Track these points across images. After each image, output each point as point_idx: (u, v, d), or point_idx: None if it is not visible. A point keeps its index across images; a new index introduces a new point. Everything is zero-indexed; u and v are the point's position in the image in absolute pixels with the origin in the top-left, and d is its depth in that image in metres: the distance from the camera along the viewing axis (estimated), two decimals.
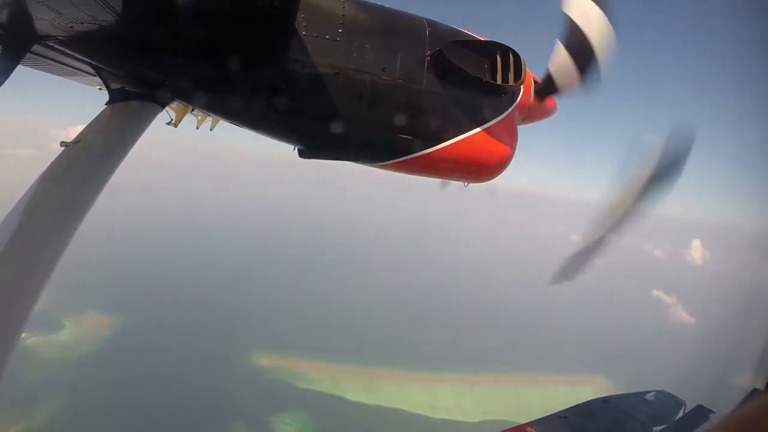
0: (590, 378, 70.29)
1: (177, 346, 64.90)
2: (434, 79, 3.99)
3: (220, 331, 70.43)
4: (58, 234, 3.25)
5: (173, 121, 5.65)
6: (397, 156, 4.05)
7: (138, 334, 66.69)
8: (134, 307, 73.43)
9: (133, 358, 61.07)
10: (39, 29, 3.06)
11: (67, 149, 3.69)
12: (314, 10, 3.70)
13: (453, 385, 63.74)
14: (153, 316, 71.80)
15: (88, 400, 52.55)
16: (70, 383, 54.62)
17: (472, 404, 60.00)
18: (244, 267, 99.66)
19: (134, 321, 70.19)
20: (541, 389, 65.53)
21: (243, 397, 55.78)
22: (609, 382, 69.11)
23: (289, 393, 58.53)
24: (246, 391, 57.11)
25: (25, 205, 3.27)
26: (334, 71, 3.68)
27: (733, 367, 12.12)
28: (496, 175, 4.53)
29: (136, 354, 62.22)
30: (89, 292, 72.66)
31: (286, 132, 4.02)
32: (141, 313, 71.97)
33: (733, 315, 57.35)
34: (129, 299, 75.78)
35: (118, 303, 73.44)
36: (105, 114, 4.06)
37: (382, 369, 66.15)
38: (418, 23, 4.15)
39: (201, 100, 3.86)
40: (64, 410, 50.99)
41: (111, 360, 60.63)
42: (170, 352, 63.19)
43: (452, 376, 66.07)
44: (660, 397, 11.18)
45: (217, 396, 55.63)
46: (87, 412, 51.06)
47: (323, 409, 55.67)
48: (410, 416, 57.22)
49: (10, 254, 2.98)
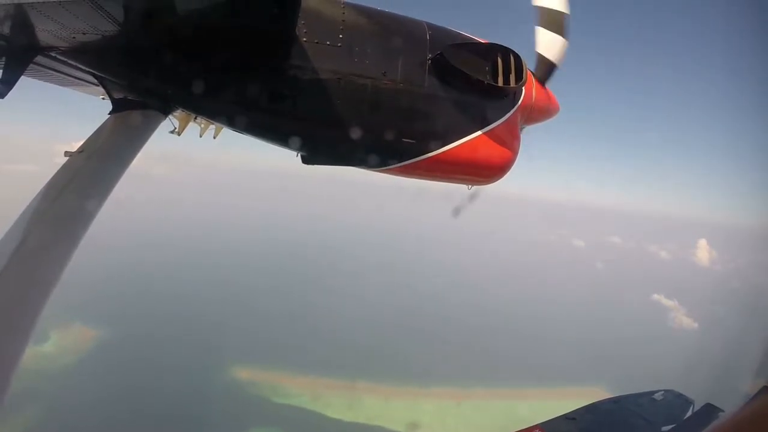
0: (589, 390, 65.87)
1: (159, 358, 63.61)
2: (435, 83, 4.00)
3: (204, 343, 68.91)
4: (63, 243, 3.28)
5: (176, 130, 5.80)
6: (400, 160, 4.07)
7: (121, 346, 65.67)
8: (120, 319, 72.45)
9: (113, 371, 59.80)
10: (42, 40, 3.10)
11: (72, 159, 3.82)
12: (315, 17, 3.71)
13: (440, 401, 60.30)
14: (138, 328, 70.82)
15: (64, 412, 51.46)
16: (50, 395, 53.53)
17: (458, 421, 56.53)
18: (233, 278, 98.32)
19: (118, 333, 69.18)
20: (535, 404, 61.49)
21: (218, 412, 54.15)
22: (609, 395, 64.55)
23: (265, 408, 56.42)
24: (222, 406, 55.44)
25: (31, 214, 3.34)
26: (336, 77, 3.70)
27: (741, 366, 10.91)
28: (500, 177, 4.55)
29: (116, 366, 61.01)
30: (79, 304, 69.86)
31: (289, 138, 3.96)
32: (126, 325, 71.06)
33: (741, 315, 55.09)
34: (116, 311, 74.85)
35: (105, 315, 72.54)
36: (108, 123, 4.18)
37: (366, 382, 63.12)
38: (418, 27, 4.15)
39: (204, 108, 4.00)
40: (39, 422, 49.58)
41: (91, 372, 59.48)
42: (151, 365, 61.89)
43: (440, 391, 62.61)
44: (668, 396, 11.05)
45: (193, 410, 54.03)
46: (61, 425, 50.14)
47: (298, 425, 53.37)
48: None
49: (15, 263, 2.99)
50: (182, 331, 71.49)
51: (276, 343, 71.20)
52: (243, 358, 66.25)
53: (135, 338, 68.01)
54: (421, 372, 66.35)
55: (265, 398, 58.53)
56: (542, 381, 68.04)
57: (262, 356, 67.28)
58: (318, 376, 63.32)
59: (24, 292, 2.99)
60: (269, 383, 61.33)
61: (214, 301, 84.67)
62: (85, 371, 59.45)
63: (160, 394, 55.61)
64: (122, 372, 59.35)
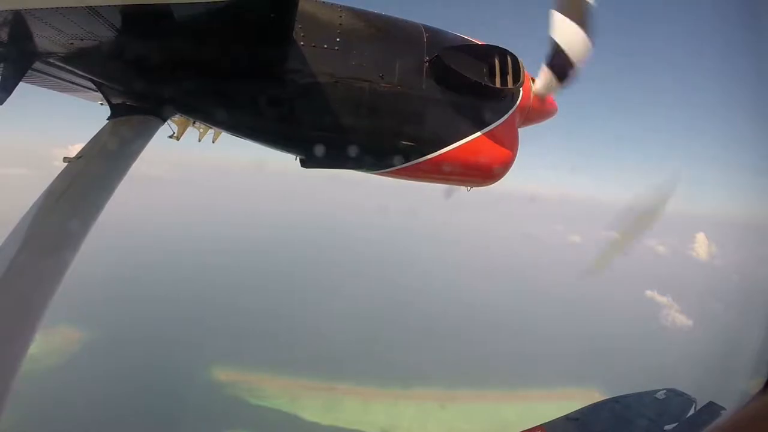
0: (583, 392, 63.68)
1: (138, 360, 62.58)
2: (433, 85, 4.00)
3: (187, 343, 67.86)
4: (63, 248, 3.31)
5: (175, 134, 5.98)
6: (399, 163, 4.09)
7: (105, 348, 64.95)
8: (105, 320, 71.69)
9: (93, 373, 59.15)
10: (40, 46, 3.11)
11: (70, 165, 3.80)
12: (312, 20, 3.72)
13: (422, 403, 58.48)
14: (122, 330, 69.96)
15: (40, 415, 49.32)
16: (29, 398, 50.33)
17: (440, 425, 54.62)
18: (219, 279, 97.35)
19: (103, 334, 68.43)
20: (523, 406, 59.84)
21: (192, 414, 52.88)
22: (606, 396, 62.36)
23: (242, 410, 54.95)
24: (198, 408, 54.12)
25: (31, 219, 3.34)
26: (333, 80, 3.70)
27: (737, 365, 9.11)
28: (499, 178, 4.53)
29: (96, 368, 60.25)
30: (67, 305, 67.44)
31: (288, 142, 4.07)
32: (112, 327, 70.28)
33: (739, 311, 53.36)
34: (102, 312, 74.05)
35: (91, 316, 71.34)
36: (107, 129, 4.14)
37: (348, 384, 61.46)
38: (415, 29, 4.17)
39: (202, 113, 4.00)
40: (17, 424, 45.68)
41: (72, 374, 58.84)
42: (130, 367, 60.86)
43: (424, 393, 60.70)
44: (670, 395, 10.92)
45: (167, 411, 53.09)
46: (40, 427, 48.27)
47: (273, 429, 52.04)
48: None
49: (16, 269, 3.01)
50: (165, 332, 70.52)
51: (258, 344, 69.83)
52: (224, 358, 64.89)
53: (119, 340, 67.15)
54: (405, 372, 64.45)
55: (242, 400, 57.15)
56: (531, 382, 66.24)
57: (244, 357, 65.92)
58: (298, 377, 61.71)
59: (25, 297, 2.97)
60: (248, 384, 59.89)
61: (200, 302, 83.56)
62: (69, 373, 58.74)
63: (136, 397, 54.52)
64: (102, 375, 58.70)
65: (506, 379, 66.69)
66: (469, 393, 62.05)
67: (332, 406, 56.34)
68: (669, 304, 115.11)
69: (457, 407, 58.18)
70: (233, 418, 52.90)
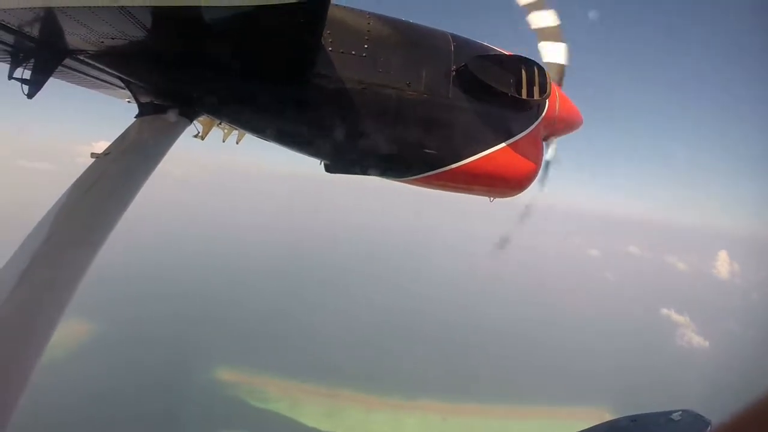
0: (592, 410, 61.33)
1: (142, 357, 62.66)
2: (460, 94, 3.99)
3: (193, 343, 67.90)
4: (87, 244, 3.28)
5: (200, 134, 6.11)
6: (423, 171, 4.09)
7: (110, 344, 65.07)
8: (114, 317, 71.78)
9: (97, 369, 58.97)
10: (70, 43, 3.16)
11: (98, 161, 3.82)
12: (340, 27, 3.75)
13: (425, 415, 56.97)
14: (129, 326, 70.08)
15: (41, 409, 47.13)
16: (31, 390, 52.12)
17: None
18: (230, 279, 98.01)
19: (110, 330, 68.95)
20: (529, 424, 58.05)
21: (191, 414, 52.72)
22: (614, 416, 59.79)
23: (241, 411, 54.49)
24: (197, 408, 53.86)
25: (55, 214, 3.34)
26: (361, 87, 3.73)
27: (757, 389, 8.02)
28: (522, 190, 4.50)
29: (100, 364, 60.19)
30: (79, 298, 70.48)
31: (313, 147, 4.06)
32: (121, 323, 70.53)
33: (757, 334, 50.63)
34: (110, 309, 73.73)
35: (100, 311, 70.66)
36: (134, 127, 4.14)
37: (350, 391, 60.47)
38: (442, 38, 4.14)
39: (228, 114, 4.10)
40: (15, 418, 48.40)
41: (76, 369, 57.91)
42: (132, 363, 60.95)
43: (427, 404, 59.31)
44: (686, 416, 10.75)
45: (166, 411, 52.65)
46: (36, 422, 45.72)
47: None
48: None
49: (38, 263, 3.01)
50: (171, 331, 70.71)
51: (263, 346, 69.53)
52: (229, 359, 64.78)
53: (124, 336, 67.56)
54: (409, 382, 63.07)
55: (242, 401, 56.68)
56: (539, 399, 64.08)
57: (249, 358, 65.59)
58: (301, 381, 61.09)
59: (46, 292, 2.97)
60: (250, 386, 59.54)
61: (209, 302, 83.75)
62: (75, 366, 57.77)
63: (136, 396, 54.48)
64: (105, 371, 58.60)
65: (514, 394, 64.77)
66: (474, 407, 60.39)
67: (333, 413, 55.40)
68: (686, 323, 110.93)
69: (460, 421, 56.61)
70: (231, 419, 52.68)
